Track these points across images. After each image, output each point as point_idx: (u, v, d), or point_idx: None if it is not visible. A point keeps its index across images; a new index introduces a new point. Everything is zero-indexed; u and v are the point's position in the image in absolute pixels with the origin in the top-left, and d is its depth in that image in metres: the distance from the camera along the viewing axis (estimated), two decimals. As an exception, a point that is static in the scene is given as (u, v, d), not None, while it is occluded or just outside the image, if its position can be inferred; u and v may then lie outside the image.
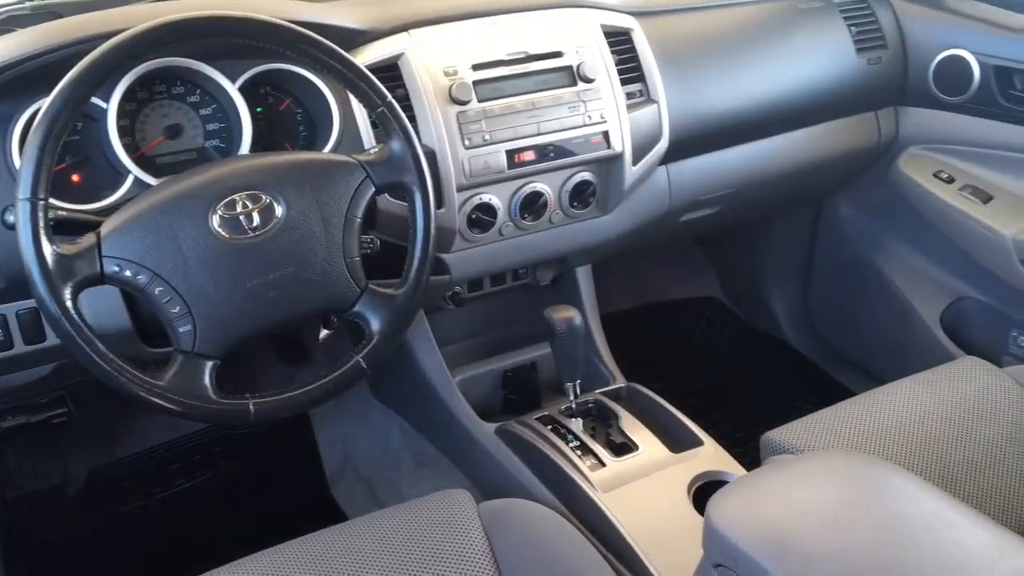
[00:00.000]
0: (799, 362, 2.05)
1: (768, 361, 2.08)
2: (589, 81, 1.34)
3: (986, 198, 1.61)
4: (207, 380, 0.99)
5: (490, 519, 1.09)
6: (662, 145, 1.42)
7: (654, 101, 1.41)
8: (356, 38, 1.25)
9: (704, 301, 2.28)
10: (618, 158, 1.37)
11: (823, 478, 0.98)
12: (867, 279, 1.84)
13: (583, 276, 1.57)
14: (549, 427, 1.34)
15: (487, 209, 1.31)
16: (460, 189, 1.27)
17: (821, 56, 1.58)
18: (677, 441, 1.32)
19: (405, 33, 1.27)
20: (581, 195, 1.38)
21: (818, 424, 1.26)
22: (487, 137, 1.27)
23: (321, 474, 1.69)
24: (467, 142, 1.25)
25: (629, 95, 1.39)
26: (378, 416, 1.66)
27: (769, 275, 2.08)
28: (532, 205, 1.34)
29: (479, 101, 1.27)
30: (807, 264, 2.02)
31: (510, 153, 1.28)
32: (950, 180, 1.65)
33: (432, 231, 1.11)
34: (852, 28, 1.61)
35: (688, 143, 1.49)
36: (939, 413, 1.26)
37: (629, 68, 1.40)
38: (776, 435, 1.24)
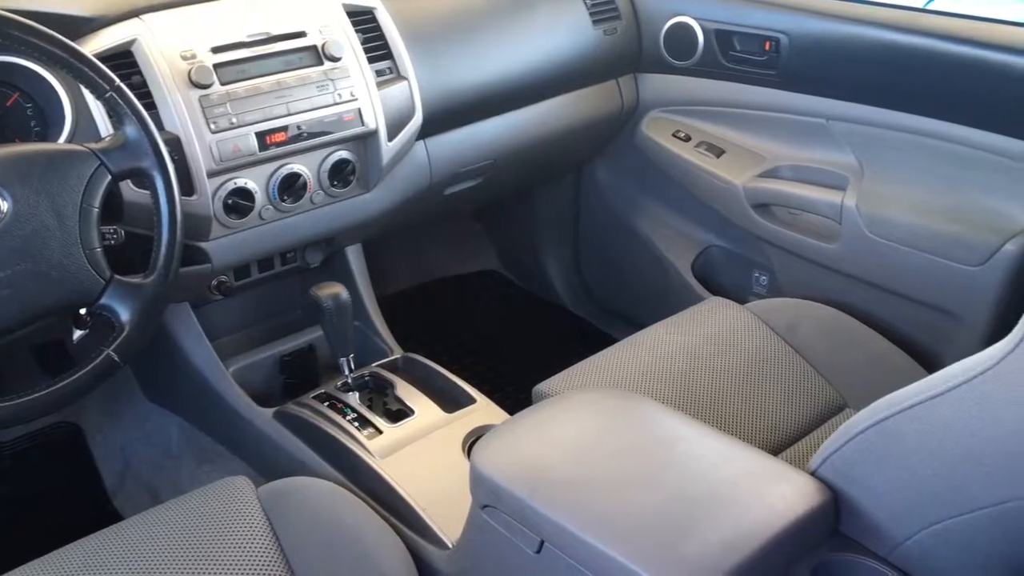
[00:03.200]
0: (575, 322, 2.16)
1: (546, 324, 2.18)
2: (335, 60, 1.35)
3: (719, 152, 1.75)
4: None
5: (270, 500, 1.10)
6: (416, 120, 1.46)
7: (404, 78, 1.44)
8: (83, 26, 1.21)
9: (485, 274, 2.35)
10: (373, 135, 1.40)
11: (575, 414, 1.05)
12: (627, 237, 1.97)
13: (354, 255, 1.59)
14: (326, 404, 1.35)
15: (244, 193, 1.30)
16: (212, 175, 1.25)
17: (560, 30, 1.67)
18: (452, 402, 1.37)
19: (137, 19, 1.24)
20: (340, 174, 1.40)
21: (582, 371, 1.34)
22: (234, 120, 1.26)
23: (101, 487, 1.62)
24: (213, 126, 1.24)
25: (379, 72, 1.42)
26: (154, 419, 1.61)
27: (541, 243, 2.18)
28: (291, 187, 1.35)
29: (222, 84, 1.25)
30: (574, 229, 2.13)
31: (260, 135, 1.28)
32: (687, 139, 1.79)
33: (179, 217, 1.10)
34: (587, 2, 1.71)
35: (443, 117, 1.53)
36: (688, 350, 1.38)
37: (376, 46, 1.43)
38: (544, 386, 1.32)
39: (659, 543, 0.84)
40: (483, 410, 1.35)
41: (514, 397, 1.76)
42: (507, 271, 2.34)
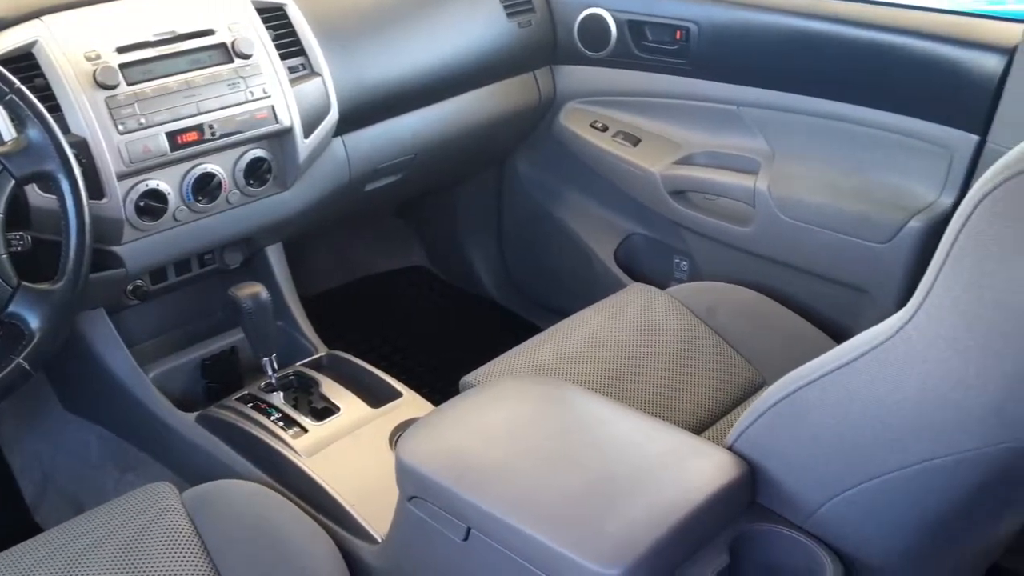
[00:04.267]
0: (502, 314, 2.17)
1: (474, 317, 2.18)
2: (246, 57, 1.34)
3: (636, 141, 1.78)
4: None
5: (194, 505, 1.08)
6: (332, 117, 1.45)
7: (318, 74, 1.43)
8: (-23, 29, 1.17)
9: (412, 270, 2.35)
10: (288, 132, 1.38)
11: (498, 402, 1.06)
12: (550, 228, 1.98)
13: (274, 255, 1.57)
14: (250, 405, 1.33)
15: (156, 195, 1.28)
16: (122, 177, 1.23)
17: (475, 23, 1.68)
18: (378, 398, 1.37)
19: (38, 20, 1.21)
20: (256, 172, 1.38)
21: (508, 361, 1.35)
22: (143, 121, 1.24)
23: (20, 501, 1.58)
24: (121, 127, 1.22)
25: (291, 69, 1.41)
26: (74, 429, 1.57)
27: (466, 237, 2.18)
28: (205, 187, 1.33)
29: (128, 84, 1.23)
30: (498, 222, 2.14)
31: (171, 135, 1.26)
32: (604, 129, 1.81)
33: (87, 221, 1.08)
34: (501, -5, 1.73)
35: (360, 113, 1.53)
36: (611, 335, 1.40)
37: (288, 43, 1.42)
38: (471, 377, 1.33)
39: (582, 523, 0.86)
40: (409, 404, 1.35)
41: (443, 391, 1.75)
42: (433, 266, 2.34)
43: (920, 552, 0.88)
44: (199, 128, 1.28)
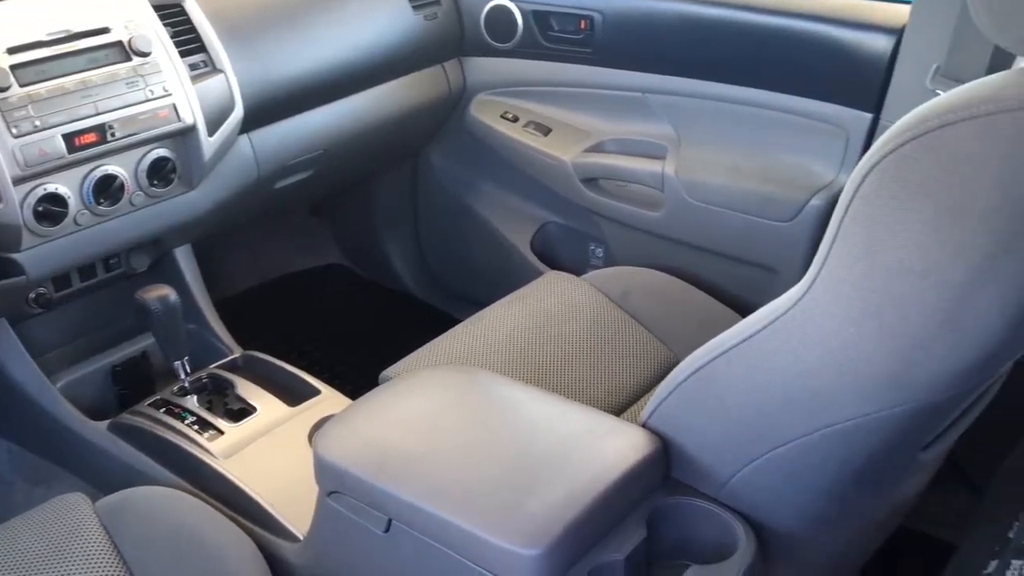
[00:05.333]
0: (422, 308, 2.17)
1: (393, 312, 2.18)
2: (144, 55, 1.31)
3: (546, 131, 1.80)
4: None
5: (108, 514, 1.06)
6: (237, 113, 1.43)
7: (220, 70, 1.41)
8: None
9: (329, 268, 2.33)
10: (192, 130, 1.36)
11: (415, 393, 1.06)
12: (466, 220, 1.99)
13: (183, 256, 1.54)
14: (163, 410, 1.31)
15: (55, 199, 1.24)
16: (17, 181, 1.19)
17: (380, 17, 1.67)
18: (296, 396, 1.35)
19: (-79, 23, 1.17)
20: (160, 173, 1.35)
21: (427, 353, 1.35)
22: (37, 123, 1.20)
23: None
24: (15, 130, 1.18)
25: (192, 66, 1.38)
26: (-21, 444, 1.52)
27: (383, 233, 2.17)
28: (107, 189, 1.29)
29: (21, 86, 1.19)
30: (414, 216, 2.13)
31: (68, 137, 1.22)
32: (515, 119, 1.82)
33: (-19, 226, 1.04)
34: (406, -13, 1.72)
35: (265, 109, 1.51)
36: (529, 323, 1.41)
37: (187, 40, 1.39)
38: (390, 371, 1.32)
39: (501, 506, 0.87)
40: (328, 400, 1.34)
41: (364, 387, 1.74)
42: (351, 263, 2.33)
43: (827, 516, 0.92)
44: (98, 129, 1.25)
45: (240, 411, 1.32)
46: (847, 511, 0.93)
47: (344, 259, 2.34)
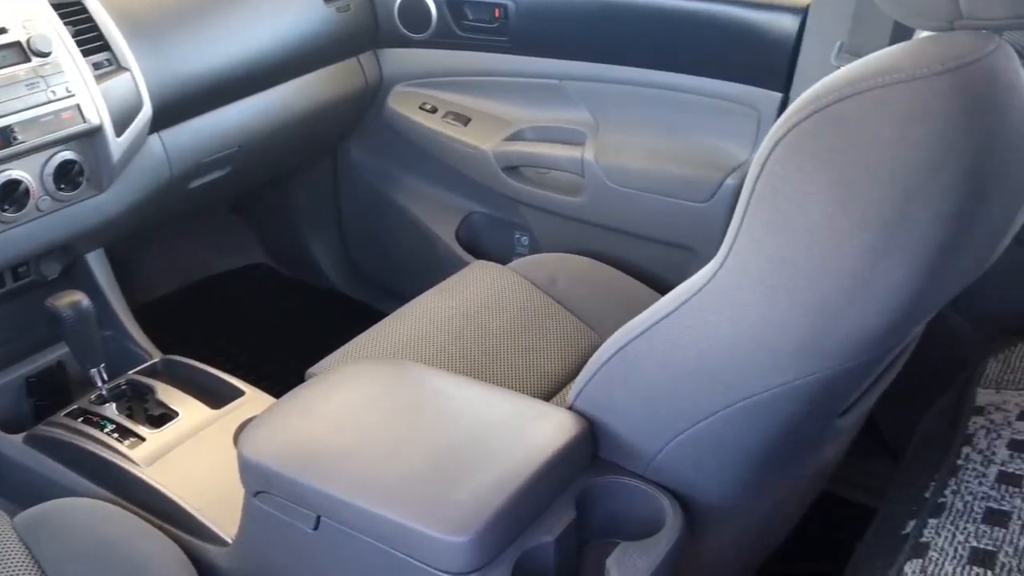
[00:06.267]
0: (349, 304, 2.15)
1: (320, 310, 2.15)
2: (44, 55, 1.26)
3: (466, 121, 1.79)
4: None
5: (27, 529, 1.03)
6: (145, 112, 1.39)
7: (125, 69, 1.37)
8: None
9: (252, 268, 2.29)
10: (98, 131, 1.32)
11: (341, 388, 1.05)
12: (389, 214, 1.97)
13: (96, 261, 1.50)
14: (80, 420, 1.27)
15: (-45, 207, 1.20)
16: (-86, 189, 1.15)
17: (291, 9, 1.64)
18: (219, 398, 1.33)
19: None
20: (67, 176, 1.31)
21: (354, 348, 1.34)
22: (-68, 129, 1.15)
23: None
24: (-91, 137, 1.13)
25: (96, 66, 1.34)
26: None
27: (305, 230, 2.14)
28: (11, 195, 1.25)
29: (-86, 91, 1.14)
30: (337, 212, 2.11)
31: (-34, 142, 1.18)
32: (434, 110, 1.81)
33: None
34: (316, -21, 1.70)
35: (176, 107, 1.47)
36: (456, 313, 1.41)
37: (90, 39, 1.35)
38: (316, 368, 1.31)
39: (429, 496, 0.87)
40: (253, 401, 1.32)
41: (292, 387, 1.72)
42: (274, 262, 2.29)
43: (750, 486, 0.94)
44: (-1, 133, 1.21)
45: (161, 416, 1.29)
46: (770, 480, 0.95)
47: (267, 258, 2.30)
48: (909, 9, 0.74)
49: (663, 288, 1.55)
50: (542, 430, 0.94)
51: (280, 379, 1.82)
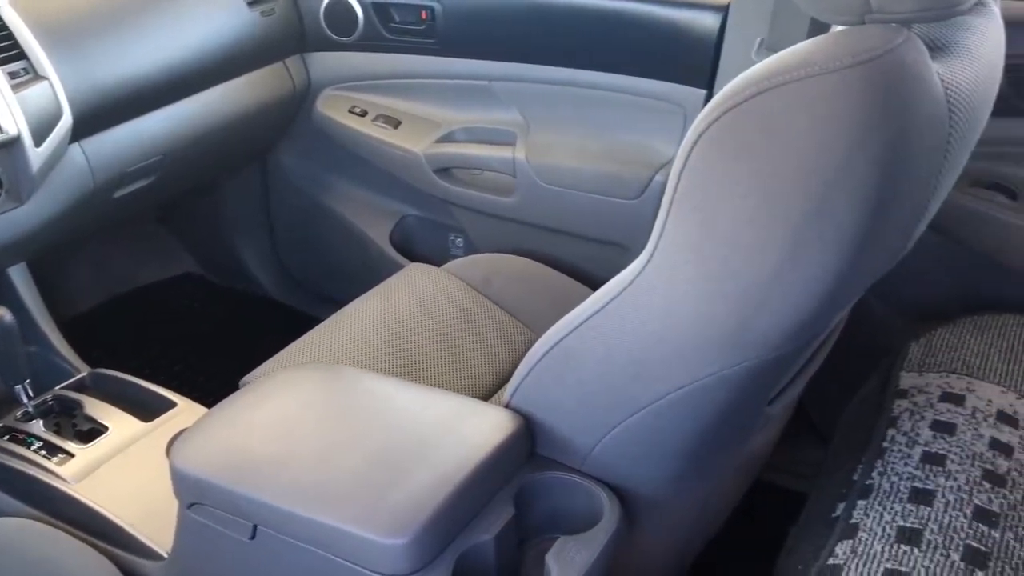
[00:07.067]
0: (283, 311, 2.13)
1: (253, 318, 2.12)
2: (-44, 64, 1.23)
3: (396, 123, 1.79)
4: None
5: (-48, 552, 0.99)
6: (65, 121, 1.36)
7: (43, 77, 1.33)
8: None
9: (183, 278, 2.25)
10: (16, 142, 1.28)
11: (274, 395, 1.04)
12: (321, 219, 1.95)
13: (18, 275, 1.46)
14: (6, 438, 1.24)
15: None
16: None
17: (213, 14, 1.62)
18: (150, 411, 1.31)
19: None
20: (-16, 189, 1.28)
21: (288, 355, 1.33)
22: None
23: None
24: None
25: (12, 74, 1.30)
26: None
27: (236, 237, 2.11)
28: (-74, 209, 1.21)
29: None
30: (269, 219, 2.09)
31: None
32: (364, 113, 1.80)
33: None
34: (239, -17, 1.67)
35: (97, 116, 1.44)
36: (391, 317, 1.40)
37: (5, 47, 1.31)
38: (250, 376, 1.29)
39: (365, 500, 0.86)
40: (185, 412, 1.30)
41: (226, 397, 1.70)
42: (204, 271, 2.25)
43: (684, 476, 0.95)
44: (-92, 145, 1.17)
45: (90, 432, 1.26)
46: (703, 469, 0.97)
47: (197, 267, 2.26)
48: (823, 4, 0.76)
49: (597, 285, 1.56)
50: (479, 429, 0.94)
51: (214, 389, 1.80)
